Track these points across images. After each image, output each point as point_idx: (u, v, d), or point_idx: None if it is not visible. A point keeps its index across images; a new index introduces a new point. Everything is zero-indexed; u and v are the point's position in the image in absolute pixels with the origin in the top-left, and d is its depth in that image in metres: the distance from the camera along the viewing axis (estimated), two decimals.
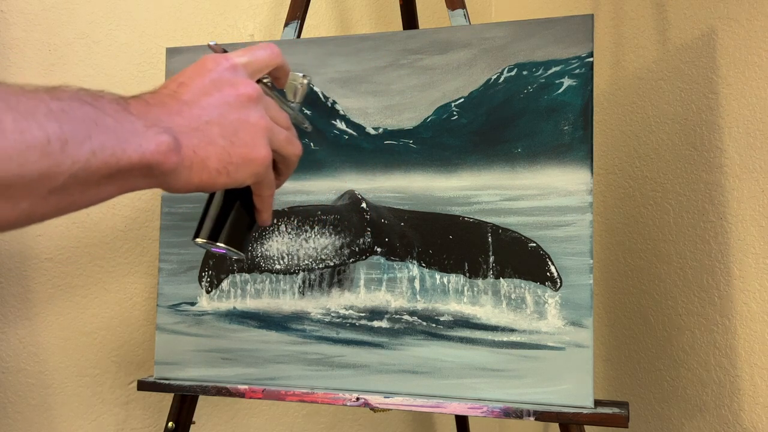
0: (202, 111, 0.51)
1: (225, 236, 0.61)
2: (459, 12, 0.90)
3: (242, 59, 0.56)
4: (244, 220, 0.62)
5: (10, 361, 1.01)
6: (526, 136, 0.83)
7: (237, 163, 0.52)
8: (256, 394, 0.87)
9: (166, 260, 0.94)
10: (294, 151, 0.59)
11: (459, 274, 0.84)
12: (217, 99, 0.52)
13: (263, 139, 0.54)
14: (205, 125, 0.51)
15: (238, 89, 0.54)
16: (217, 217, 0.61)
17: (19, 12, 1.02)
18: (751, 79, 0.91)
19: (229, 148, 0.52)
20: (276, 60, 0.60)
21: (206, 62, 0.55)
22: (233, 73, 0.55)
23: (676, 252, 1.02)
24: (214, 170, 0.51)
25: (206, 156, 0.50)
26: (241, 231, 0.62)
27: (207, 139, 0.51)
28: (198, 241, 0.61)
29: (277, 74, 0.61)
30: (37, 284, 1.03)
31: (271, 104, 0.57)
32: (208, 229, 0.61)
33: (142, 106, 0.48)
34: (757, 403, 0.90)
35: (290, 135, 0.59)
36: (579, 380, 0.78)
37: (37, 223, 0.44)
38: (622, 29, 1.12)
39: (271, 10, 1.22)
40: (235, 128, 0.52)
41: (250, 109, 0.54)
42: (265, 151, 0.54)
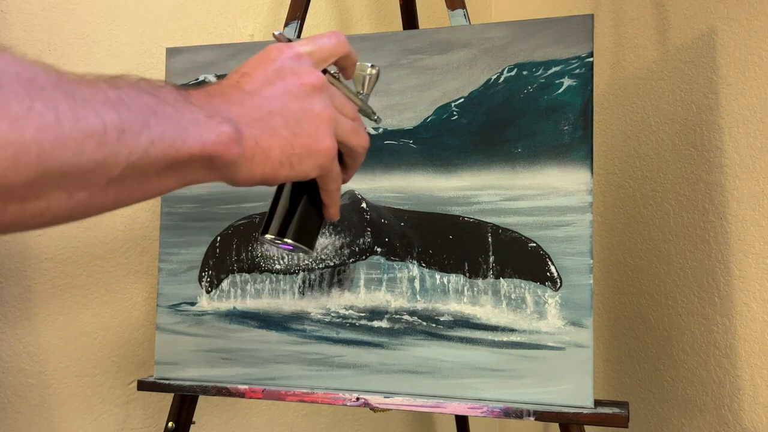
0: (264, 101, 0.50)
1: (293, 232, 0.59)
2: (459, 12, 0.90)
3: (306, 48, 0.55)
4: (312, 216, 0.60)
5: (10, 361, 1.01)
6: (526, 136, 0.83)
7: (300, 155, 0.51)
8: (256, 394, 0.87)
9: (166, 260, 0.94)
10: (361, 142, 0.57)
11: (459, 274, 0.84)
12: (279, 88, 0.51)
13: (328, 130, 0.52)
14: (267, 115, 0.49)
15: (301, 78, 0.52)
16: (285, 213, 0.59)
17: (19, 12, 1.02)
18: (751, 79, 0.91)
19: (292, 139, 0.50)
20: (342, 49, 0.58)
21: (270, 52, 0.53)
22: (297, 62, 0.53)
23: (676, 252, 1.02)
24: (277, 162, 0.49)
25: (269, 147, 0.49)
26: (309, 227, 0.60)
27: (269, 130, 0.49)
28: (267, 237, 0.59)
29: (344, 64, 0.60)
30: (37, 284, 1.03)
31: (336, 94, 0.55)
32: (277, 225, 0.59)
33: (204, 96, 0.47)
34: (757, 403, 0.90)
35: (357, 126, 0.57)
36: (579, 380, 0.78)
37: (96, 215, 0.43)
38: (622, 29, 1.12)
39: (271, 10, 1.22)
40: (297, 118, 0.51)
41: (313, 99, 0.52)
42: (329, 141, 0.52)
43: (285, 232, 0.59)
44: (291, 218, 0.59)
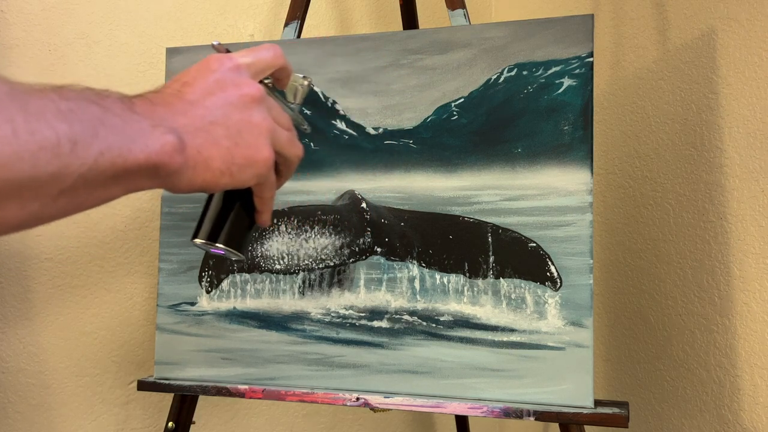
0: (206, 111, 0.51)
1: (224, 237, 0.60)
2: (459, 12, 0.90)
3: (246, 60, 0.56)
4: (244, 221, 0.61)
5: (10, 361, 1.01)
6: (526, 136, 0.83)
7: (240, 164, 0.52)
8: (256, 394, 0.87)
9: (166, 260, 0.94)
10: (296, 152, 0.59)
11: (459, 274, 0.84)
12: (221, 99, 0.52)
13: (266, 140, 0.54)
14: (209, 125, 0.51)
15: (242, 90, 0.53)
16: (217, 218, 0.60)
17: (19, 12, 1.02)
18: (751, 79, 0.91)
19: (233, 149, 0.52)
20: (279, 61, 0.60)
21: (210, 62, 0.54)
22: (237, 73, 0.54)
23: (676, 252, 1.02)
24: (217, 171, 0.51)
25: (210, 156, 0.50)
26: (241, 232, 0.61)
27: (211, 140, 0.50)
28: (197, 241, 0.60)
29: (279, 75, 0.61)
30: (37, 284, 1.03)
31: (273, 105, 0.57)
32: (208, 229, 0.60)
33: (147, 105, 0.48)
34: (757, 403, 0.90)
35: (292, 136, 0.59)
36: (579, 380, 0.78)
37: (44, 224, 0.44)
38: (622, 29, 1.12)
39: (271, 10, 1.22)
40: (238, 129, 0.52)
41: (253, 110, 0.53)
42: (267, 152, 0.54)
43: (216, 237, 0.60)
44: (223, 223, 0.60)
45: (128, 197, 1.09)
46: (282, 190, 0.91)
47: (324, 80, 0.91)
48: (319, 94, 0.91)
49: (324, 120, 0.90)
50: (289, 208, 0.91)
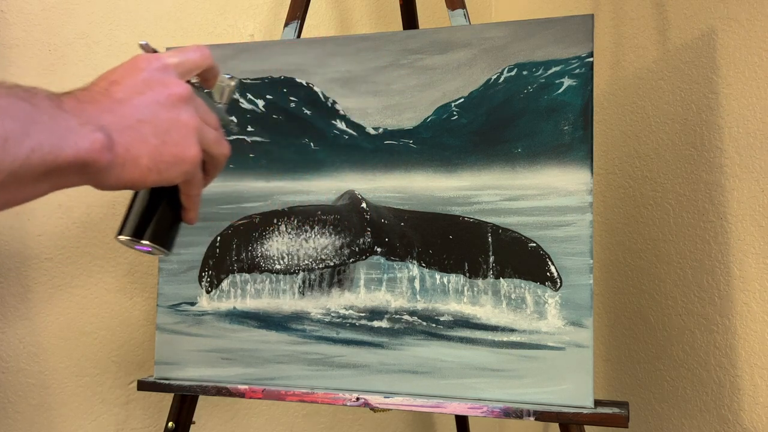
0: (134, 109, 0.52)
1: (150, 234, 0.60)
2: (459, 12, 0.90)
3: (174, 60, 0.57)
4: (170, 218, 0.62)
5: (10, 361, 1.01)
6: (526, 136, 0.83)
7: (168, 162, 0.53)
8: (256, 394, 0.87)
9: (166, 260, 0.94)
10: (223, 151, 0.60)
11: (459, 274, 0.84)
12: (149, 98, 0.53)
13: (193, 139, 0.55)
14: (137, 123, 0.51)
15: (169, 89, 0.54)
16: (143, 215, 0.61)
17: (19, 12, 1.02)
18: (751, 79, 0.91)
19: (161, 147, 0.52)
20: (206, 62, 0.61)
21: (138, 61, 0.55)
22: (164, 73, 0.55)
23: (676, 252, 1.02)
24: (145, 168, 0.52)
25: (138, 154, 0.51)
26: (167, 229, 0.62)
27: (139, 138, 0.51)
28: (121, 238, 0.60)
29: (207, 75, 0.62)
30: (37, 284, 1.03)
31: (200, 104, 0.58)
32: (133, 226, 0.60)
33: (75, 103, 0.49)
34: (757, 403, 0.90)
35: (219, 135, 0.60)
36: (579, 380, 0.78)
37: None
38: (622, 29, 1.12)
39: (271, 10, 1.22)
40: (166, 127, 0.53)
41: (181, 109, 0.55)
42: (195, 150, 0.55)
43: (142, 233, 0.60)
44: (149, 220, 0.60)
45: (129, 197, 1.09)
46: (282, 189, 0.91)
47: (324, 80, 0.91)
48: (319, 94, 0.91)
49: (324, 120, 0.90)
50: (289, 208, 0.91)
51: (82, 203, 1.05)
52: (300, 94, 0.92)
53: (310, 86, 0.91)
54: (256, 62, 0.93)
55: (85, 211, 1.06)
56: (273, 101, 0.93)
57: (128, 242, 0.60)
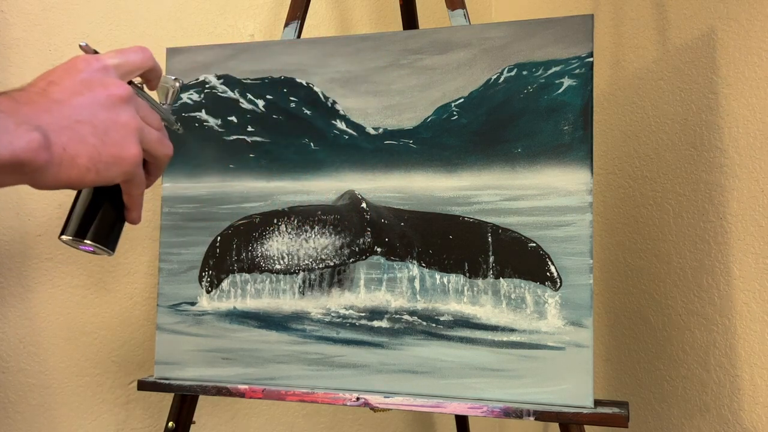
0: (72, 110, 0.52)
1: (92, 233, 0.61)
2: (459, 12, 0.90)
3: (114, 61, 0.57)
4: (113, 218, 0.62)
5: (10, 361, 1.01)
6: (526, 136, 0.83)
7: (107, 162, 0.53)
8: (256, 394, 0.87)
9: (166, 260, 0.94)
10: (165, 151, 0.61)
11: (459, 274, 0.84)
12: (88, 99, 0.53)
13: (133, 139, 0.55)
14: (75, 124, 0.52)
15: (109, 90, 0.55)
16: (85, 214, 0.61)
17: (19, 12, 1.02)
18: (751, 79, 0.91)
19: (100, 147, 0.53)
20: (148, 63, 0.61)
21: (77, 62, 0.55)
22: (104, 73, 0.56)
23: (676, 252, 1.02)
24: (83, 168, 0.52)
25: (76, 154, 0.51)
26: (110, 228, 0.62)
27: (77, 138, 0.51)
28: (64, 238, 0.61)
29: (149, 76, 0.63)
30: (37, 284, 1.03)
31: (142, 105, 0.58)
32: (75, 226, 0.61)
33: (11, 103, 0.49)
34: (757, 403, 0.90)
35: (161, 135, 0.60)
36: (579, 380, 0.78)
37: None
38: (622, 29, 1.12)
39: (271, 10, 1.22)
40: (105, 127, 0.53)
41: (120, 109, 0.55)
42: (135, 150, 0.55)
43: (85, 233, 0.60)
44: (92, 220, 0.61)
45: None
46: (282, 189, 0.91)
47: (324, 80, 0.91)
48: (319, 94, 0.91)
49: (324, 120, 0.90)
50: (289, 208, 0.91)
51: None
52: (300, 94, 0.92)
53: (310, 86, 0.91)
54: (256, 62, 0.93)
55: None
56: (273, 101, 0.93)
57: (71, 242, 0.61)
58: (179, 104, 0.95)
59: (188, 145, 0.94)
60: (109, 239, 0.62)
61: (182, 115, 0.95)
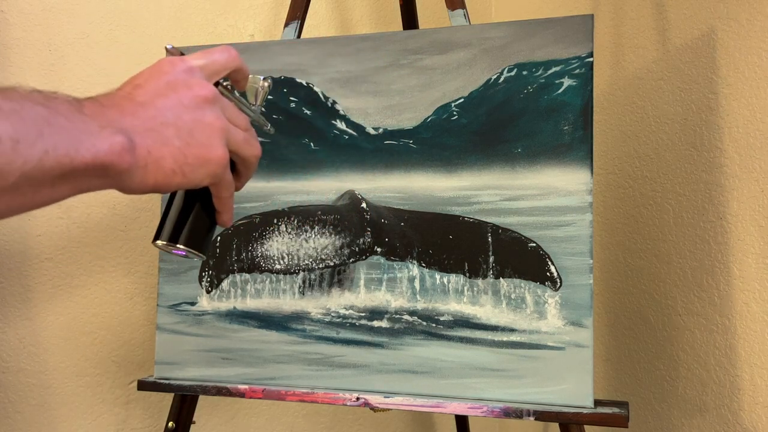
0: (157, 112, 0.52)
1: (185, 238, 0.60)
2: (459, 12, 0.90)
3: (199, 62, 0.57)
4: (204, 222, 0.62)
5: (10, 361, 1.01)
6: (526, 136, 0.83)
7: (193, 164, 0.53)
8: (256, 394, 0.87)
9: (166, 260, 0.94)
10: (252, 152, 0.60)
11: (459, 274, 0.84)
12: (172, 100, 0.53)
13: (219, 140, 0.55)
14: (160, 126, 0.51)
15: (193, 91, 0.54)
16: (177, 219, 0.61)
17: (19, 12, 1.02)
18: (751, 79, 0.91)
19: (185, 149, 0.52)
20: (234, 63, 0.60)
21: (162, 65, 0.55)
22: (189, 75, 0.55)
23: (676, 252, 1.02)
24: (169, 170, 0.51)
25: (161, 156, 0.51)
26: (201, 233, 0.62)
27: (162, 140, 0.51)
28: (159, 243, 0.61)
29: (237, 77, 0.63)
30: (37, 284, 1.03)
31: (228, 106, 0.58)
32: (169, 231, 0.60)
33: (97, 107, 0.49)
34: (757, 403, 0.90)
35: (248, 136, 0.59)
36: (579, 380, 0.78)
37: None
38: (622, 29, 1.12)
39: (271, 10, 1.22)
40: (190, 129, 0.53)
41: (205, 110, 0.54)
42: (221, 151, 0.55)
43: (177, 238, 0.60)
44: (183, 224, 0.60)
45: (129, 197, 1.09)
46: (282, 189, 0.91)
47: (324, 80, 0.91)
48: (319, 94, 0.91)
49: (324, 120, 0.90)
50: (289, 208, 0.91)
51: (82, 203, 1.05)
52: (300, 94, 0.92)
53: (310, 86, 0.91)
54: (256, 62, 0.93)
55: (85, 211, 1.06)
56: (273, 101, 0.93)
57: (165, 247, 0.61)
58: None
59: None
60: (202, 243, 0.62)
61: None
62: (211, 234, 0.63)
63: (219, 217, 0.62)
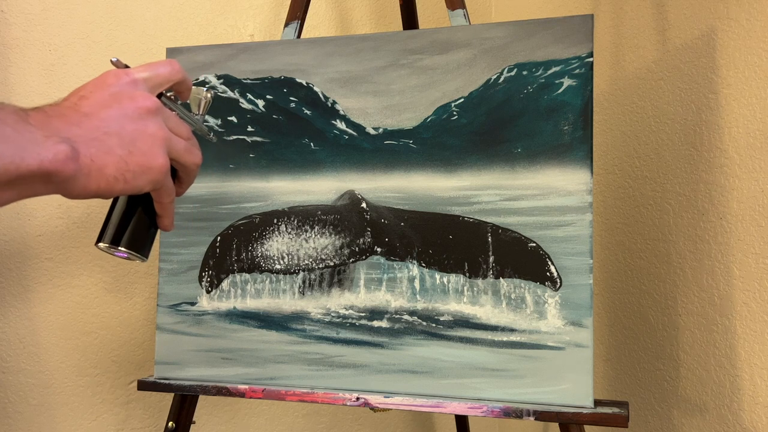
0: (101, 122, 0.55)
1: (126, 241, 0.64)
2: (459, 12, 0.90)
3: (143, 75, 0.60)
4: (146, 225, 0.65)
5: (10, 361, 1.01)
6: (526, 136, 0.83)
7: (134, 171, 0.56)
8: (256, 394, 0.87)
9: (166, 260, 0.94)
10: (193, 159, 0.63)
11: (459, 274, 0.84)
12: (116, 111, 0.56)
13: (161, 149, 0.58)
14: (103, 135, 0.54)
15: (136, 102, 0.57)
16: (119, 222, 0.64)
17: (19, 12, 1.02)
18: (751, 79, 0.91)
19: (127, 157, 0.55)
20: (177, 76, 0.63)
21: (107, 77, 0.58)
22: (133, 87, 0.58)
23: (676, 252, 1.02)
24: (111, 177, 0.54)
25: (104, 164, 0.54)
26: (143, 236, 0.65)
27: (105, 149, 0.54)
28: (100, 245, 0.64)
29: (180, 89, 0.65)
30: (37, 284, 1.03)
31: (170, 116, 0.61)
32: (111, 234, 0.64)
33: (42, 117, 0.52)
34: (757, 403, 0.90)
35: (189, 145, 0.62)
36: (579, 380, 0.78)
37: None
38: (622, 29, 1.12)
39: (272, 10, 1.22)
40: (132, 138, 0.56)
41: (148, 121, 0.57)
42: (162, 159, 0.58)
43: (119, 240, 0.64)
44: (125, 228, 0.64)
45: None
46: (282, 189, 0.91)
47: (324, 80, 0.91)
48: (319, 94, 0.91)
49: (324, 120, 0.90)
50: (289, 208, 0.91)
51: (82, 203, 1.05)
52: (300, 94, 0.92)
53: (310, 86, 0.91)
54: (256, 62, 0.93)
55: (85, 211, 1.06)
56: (273, 101, 0.93)
57: (107, 249, 0.64)
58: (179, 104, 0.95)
59: None
60: (143, 246, 0.65)
61: None
62: (153, 237, 0.66)
63: (160, 221, 0.65)
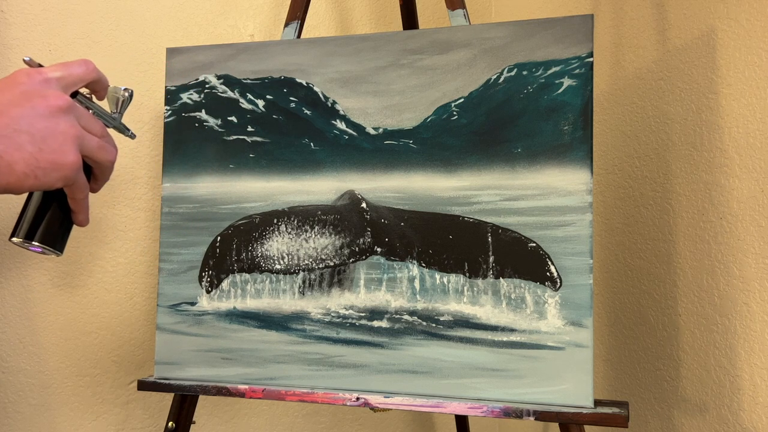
0: (10, 120, 0.56)
1: (40, 236, 0.64)
2: (459, 12, 0.90)
3: (56, 74, 0.61)
4: (60, 221, 0.66)
5: (10, 361, 1.01)
6: (526, 136, 0.83)
7: (45, 168, 0.57)
8: (256, 394, 0.87)
9: (166, 260, 0.94)
10: (107, 157, 0.64)
11: (459, 274, 0.84)
12: (26, 110, 0.57)
13: (72, 146, 0.59)
14: (12, 133, 0.55)
15: (48, 101, 0.58)
16: (34, 218, 0.65)
17: (19, 12, 1.02)
18: (751, 79, 0.91)
19: (37, 154, 0.56)
20: (91, 75, 0.64)
21: (18, 76, 0.59)
22: (45, 86, 0.59)
23: (675, 252, 1.02)
24: (21, 173, 0.55)
25: (13, 161, 0.55)
26: (57, 231, 0.66)
27: (14, 146, 0.55)
28: (14, 240, 0.64)
29: (95, 87, 0.67)
30: (37, 284, 1.03)
31: (83, 114, 0.62)
32: (25, 229, 0.64)
33: None
34: (757, 403, 0.90)
35: (103, 142, 0.63)
36: (579, 380, 0.78)
37: None
38: (622, 29, 1.12)
39: (272, 10, 1.22)
40: (43, 136, 0.57)
41: (59, 119, 0.58)
42: (73, 156, 0.59)
43: (33, 235, 0.64)
44: (39, 223, 0.65)
45: (128, 197, 1.09)
46: (282, 189, 0.91)
47: (324, 80, 0.91)
48: (319, 94, 0.91)
49: (324, 120, 0.90)
50: (289, 208, 0.91)
51: None
52: (300, 94, 0.92)
53: (310, 86, 0.91)
54: (256, 62, 0.93)
55: None
56: (273, 101, 0.93)
57: (21, 244, 0.64)
58: (179, 104, 0.95)
59: (188, 145, 0.94)
60: (57, 241, 0.66)
61: (182, 115, 0.95)
62: (67, 232, 0.67)
63: (75, 216, 0.66)
